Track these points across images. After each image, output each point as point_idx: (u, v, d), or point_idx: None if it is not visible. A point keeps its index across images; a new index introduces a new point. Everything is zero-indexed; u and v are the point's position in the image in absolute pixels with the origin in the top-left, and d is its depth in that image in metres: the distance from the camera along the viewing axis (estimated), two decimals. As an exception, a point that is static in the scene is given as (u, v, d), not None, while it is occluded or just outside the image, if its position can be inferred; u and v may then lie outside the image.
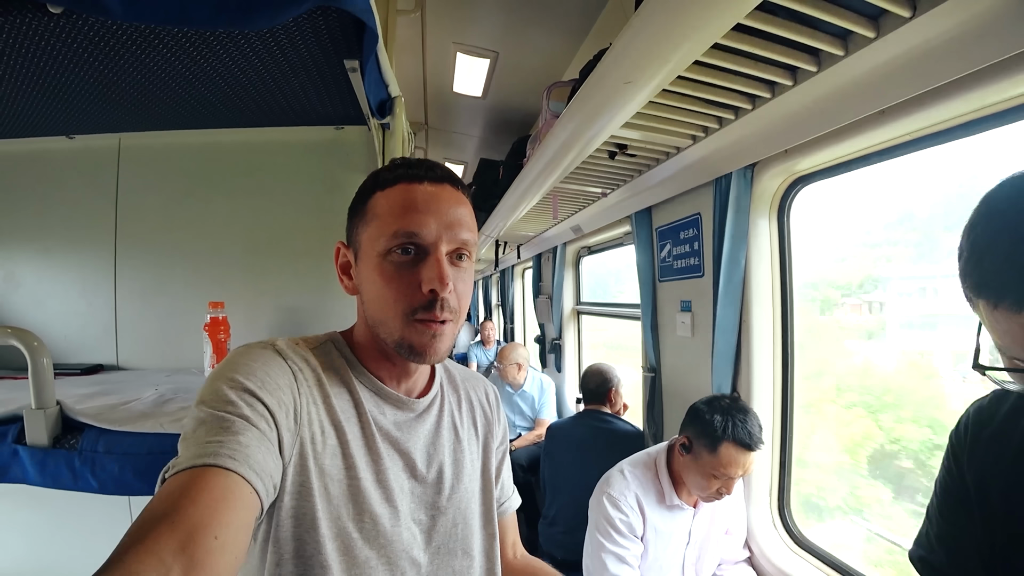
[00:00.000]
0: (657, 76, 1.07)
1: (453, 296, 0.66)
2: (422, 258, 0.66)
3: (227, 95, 1.39)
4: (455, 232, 0.67)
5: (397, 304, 0.66)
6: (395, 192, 0.67)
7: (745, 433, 1.40)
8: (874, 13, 0.92)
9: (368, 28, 0.97)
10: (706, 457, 1.43)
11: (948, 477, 0.79)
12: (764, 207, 1.64)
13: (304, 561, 0.61)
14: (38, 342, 1.03)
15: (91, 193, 1.77)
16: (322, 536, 0.61)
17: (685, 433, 1.52)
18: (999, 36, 0.81)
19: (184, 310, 1.72)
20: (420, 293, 0.65)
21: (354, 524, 0.64)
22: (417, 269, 0.65)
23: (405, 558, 0.68)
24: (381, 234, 0.66)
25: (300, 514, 0.61)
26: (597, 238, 3.25)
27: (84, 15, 0.97)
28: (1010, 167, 0.59)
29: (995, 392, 0.76)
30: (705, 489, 1.47)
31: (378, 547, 0.65)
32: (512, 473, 0.96)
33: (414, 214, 0.65)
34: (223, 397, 0.56)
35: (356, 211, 0.71)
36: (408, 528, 0.69)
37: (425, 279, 0.64)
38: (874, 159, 1.32)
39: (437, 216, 0.66)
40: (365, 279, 0.69)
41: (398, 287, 0.65)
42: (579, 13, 2.19)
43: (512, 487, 0.95)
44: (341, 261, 0.74)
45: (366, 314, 0.71)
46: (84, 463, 1.05)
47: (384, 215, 0.66)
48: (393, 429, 0.71)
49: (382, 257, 0.66)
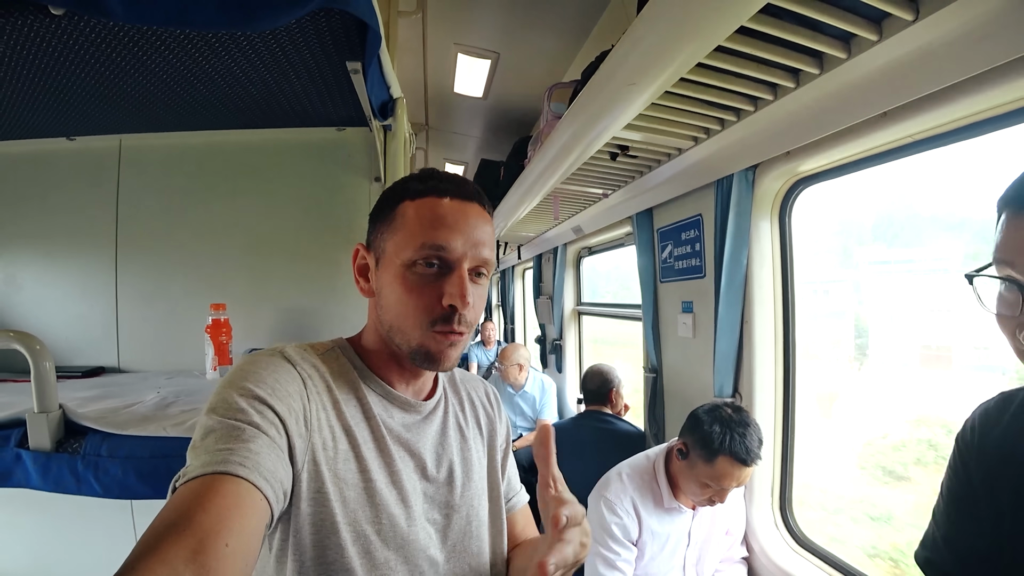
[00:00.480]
0: (660, 78, 1.07)
1: (471, 311, 0.68)
2: (445, 273, 0.67)
3: (229, 96, 1.39)
4: (478, 251, 0.68)
5: (417, 314, 0.67)
6: (425, 204, 0.68)
7: (743, 448, 1.37)
8: (877, 16, 0.91)
9: (371, 29, 0.97)
10: (701, 467, 1.42)
11: (955, 479, 0.79)
12: (766, 208, 1.64)
13: (327, 566, 0.61)
14: (40, 345, 1.03)
15: (92, 195, 1.77)
16: (343, 540, 0.61)
17: (683, 439, 1.50)
18: (1001, 39, 0.81)
19: (186, 312, 1.72)
20: (440, 306, 0.66)
21: (372, 526, 0.64)
22: (440, 283, 0.67)
23: (423, 557, 0.68)
24: (408, 244, 0.67)
25: (319, 520, 0.61)
26: (598, 239, 3.25)
27: (85, 17, 0.97)
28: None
29: (1001, 394, 0.77)
30: (698, 495, 1.47)
31: (396, 548, 0.66)
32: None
33: (443, 229, 0.66)
34: (233, 405, 0.56)
35: (381, 216, 0.72)
36: (424, 528, 0.70)
37: (447, 294, 0.66)
38: (876, 161, 1.32)
39: (464, 233, 0.67)
40: (386, 285, 0.70)
41: (419, 298, 0.67)
42: (580, 15, 2.20)
43: (519, 484, 0.96)
44: (359, 263, 0.75)
45: (381, 318, 0.71)
46: (87, 467, 1.05)
47: (412, 226, 0.67)
48: (403, 431, 0.72)
49: (407, 267, 0.67)
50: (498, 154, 3.54)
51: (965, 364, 1.47)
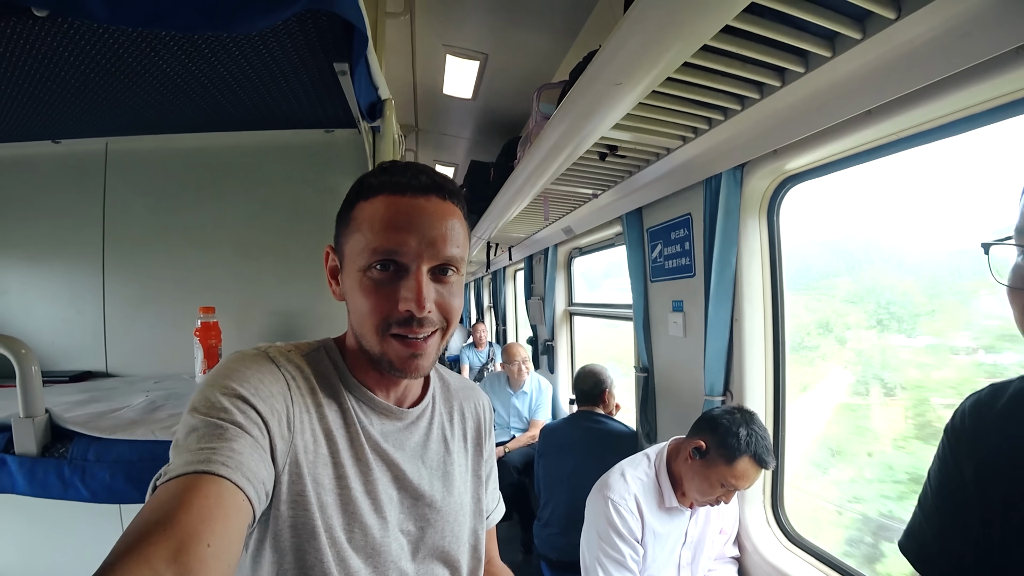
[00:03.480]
0: (647, 78, 1.08)
1: (434, 313, 0.65)
2: (401, 275, 0.64)
3: (215, 98, 1.38)
4: (438, 249, 0.64)
5: (374, 319, 0.64)
6: (377, 204, 0.64)
7: (764, 450, 1.40)
8: (860, 14, 0.93)
9: (357, 31, 0.97)
10: (721, 466, 1.42)
11: (943, 470, 0.79)
12: (754, 207, 1.66)
13: (306, 570, 0.61)
14: (26, 349, 1.02)
15: (78, 198, 1.75)
16: (322, 544, 0.61)
17: (701, 438, 1.48)
18: (982, 37, 0.82)
19: (174, 315, 1.70)
20: (397, 311, 0.63)
21: (344, 534, 0.64)
22: (396, 287, 0.64)
23: (393, 568, 0.68)
24: (362, 249, 0.64)
25: (299, 524, 0.61)
26: (588, 239, 3.26)
27: (69, 19, 0.96)
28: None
29: (992, 385, 0.77)
30: (707, 495, 1.47)
31: (366, 556, 0.65)
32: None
33: (393, 232, 0.63)
34: (216, 404, 0.56)
35: (341, 218, 0.69)
36: (396, 539, 0.69)
37: (402, 298, 0.63)
38: (862, 158, 1.34)
39: (418, 233, 0.63)
40: (348, 290, 0.68)
41: (375, 302, 0.64)
42: (568, 15, 2.20)
43: (498, 497, 0.94)
44: (330, 265, 0.72)
45: (351, 323, 0.70)
46: (74, 471, 1.04)
47: (365, 229, 0.64)
48: (381, 440, 0.70)
49: (362, 272, 0.64)
50: (488, 155, 3.54)
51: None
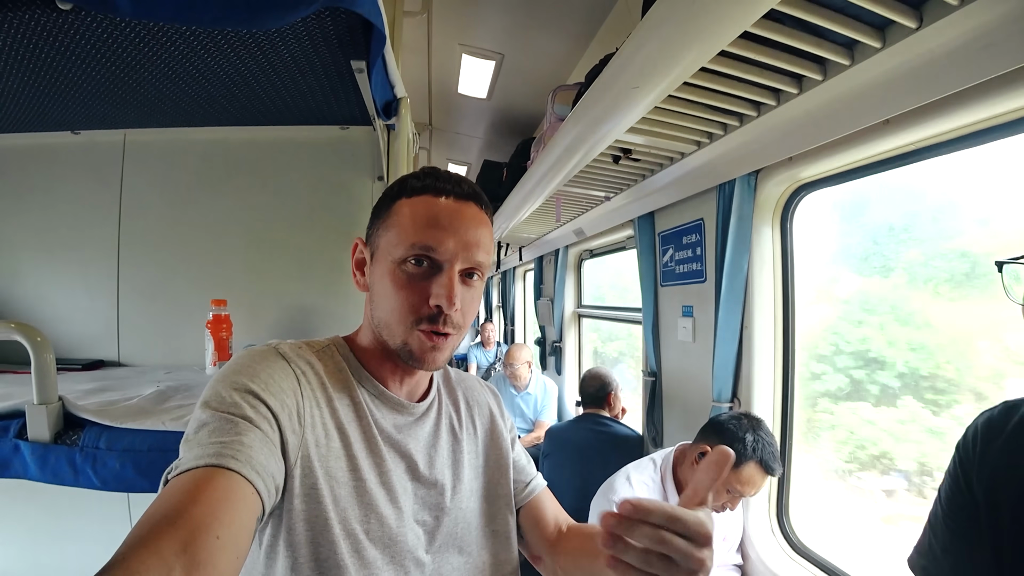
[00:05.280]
0: (664, 82, 1.07)
1: (459, 313, 0.68)
2: (434, 273, 0.67)
3: (233, 93, 1.39)
4: (471, 253, 0.68)
5: (404, 311, 0.67)
6: (419, 203, 0.68)
7: (771, 456, 1.39)
8: (880, 23, 0.92)
9: (376, 29, 0.97)
10: (728, 472, 1.41)
11: (955, 488, 0.79)
12: (767, 214, 1.64)
13: (320, 563, 0.61)
14: (41, 337, 1.04)
15: (95, 189, 1.77)
16: (336, 537, 0.62)
17: (707, 443, 1.48)
18: (1004, 49, 0.81)
19: (186, 307, 1.72)
20: (427, 305, 0.66)
21: (360, 525, 0.64)
22: (428, 282, 0.67)
23: (410, 558, 0.68)
24: (400, 242, 0.67)
25: (312, 517, 0.61)
26: (599, 241, 3.25)
27: (93, 12, 0.97)
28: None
29: (1005, 403, 0.76)
30: (712, 502, 1.45)
31: (383, 547, 0.66)
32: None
33: (434, 229, 0.66)
34: (226, 399, 0.57)
35: (380, 213, 0.72)
36: (412, 529, 0.70)
37: (434, 294, 0.66)
38: (878, 168, 1.32)
39: (456, 234, 0.67)
40: (377, 280, 0.70)
41: (407, 296, 0.67)
42: (585, 17, 2.19)
43: (534, 468, 0.95)
44: (357, 257, 0.75)
45: (373, 314, 0.72)
46: (85, 459, 1.05)
47: (405, 224, 0.67)
48: (394, 432, 0.72)
49: (397, 264, 0.67)
50: (501, 155, 3.54)
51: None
